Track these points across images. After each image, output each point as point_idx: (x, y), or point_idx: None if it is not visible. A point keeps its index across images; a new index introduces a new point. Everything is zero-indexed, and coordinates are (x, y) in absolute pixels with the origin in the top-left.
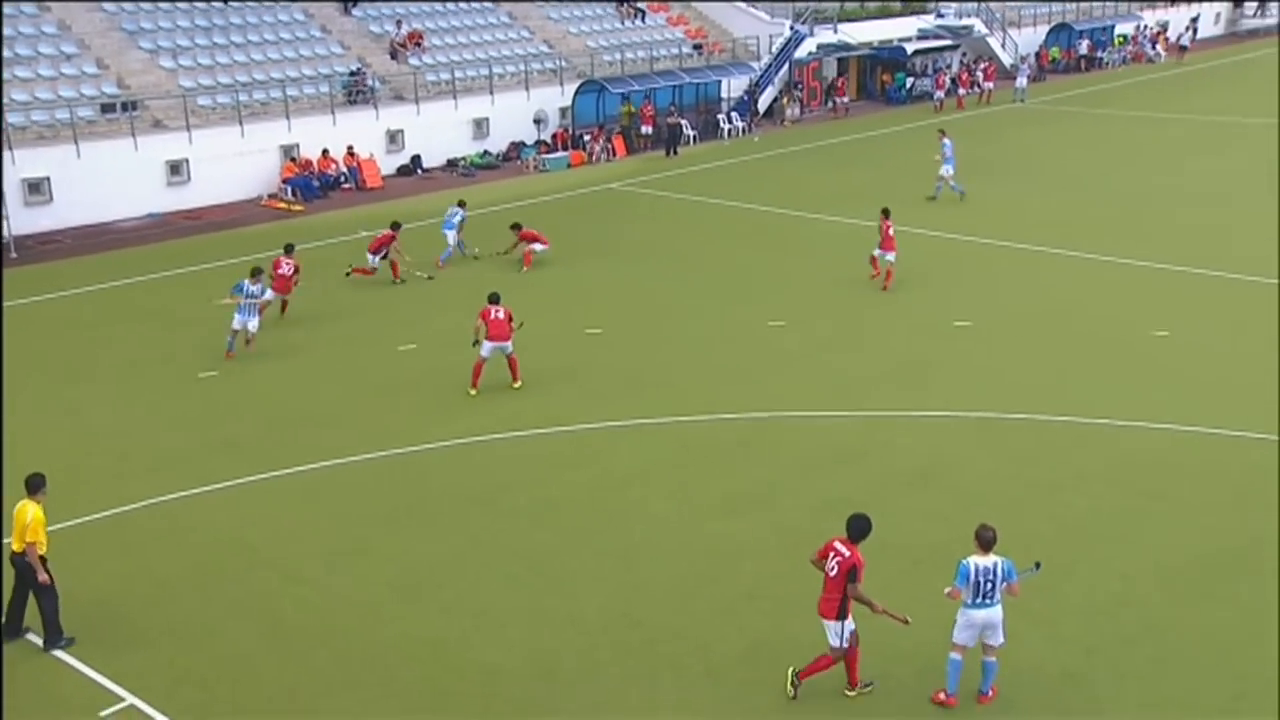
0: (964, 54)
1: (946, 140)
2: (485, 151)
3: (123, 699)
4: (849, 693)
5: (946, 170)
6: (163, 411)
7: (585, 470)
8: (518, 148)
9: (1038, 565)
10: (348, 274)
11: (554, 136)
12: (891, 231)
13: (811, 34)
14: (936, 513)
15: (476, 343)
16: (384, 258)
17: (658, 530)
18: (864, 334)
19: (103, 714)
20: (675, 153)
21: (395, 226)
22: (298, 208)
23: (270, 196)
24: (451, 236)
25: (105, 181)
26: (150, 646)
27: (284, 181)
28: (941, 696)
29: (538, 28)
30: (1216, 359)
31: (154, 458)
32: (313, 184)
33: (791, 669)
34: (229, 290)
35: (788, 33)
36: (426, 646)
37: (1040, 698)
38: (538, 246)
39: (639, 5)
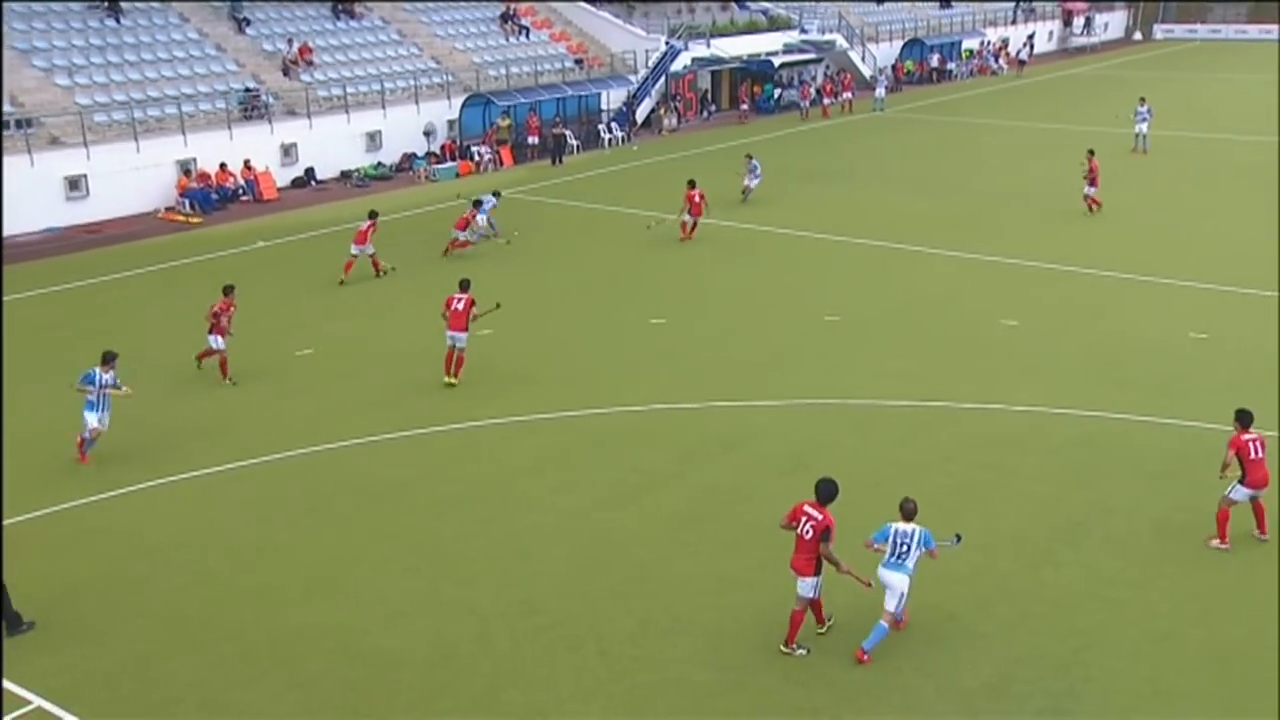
0: (827, 66)
1: (755, 161)
2: (379, 163)
3: (30, 701)
4: (820, 630)
5: (752, 182)
6: (66, 423)
7: (480, 465)
8: (410, 159)
9: (958, 537)
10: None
11: (443, 148)
12: (698, 199)
13: (686, 48)
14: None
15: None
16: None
17: (550, 520)
18: (740, 329)
19: (9, 718)
20: (560, 161)
21: (373, 215)
22: (195, 220)
23: (168, 209)
24: (483, 220)
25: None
26: (56, 649)
27: (181, 194)
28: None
29: (425, 44)
30: (1059, 345)
31: (53, 467)
32: (210, 196)
33: (779, 648)
34: (77, 380)
35: (663, 47)
36: (331, 637)
37: (908, 659)
38: (479, 221)
39: (522, 23)
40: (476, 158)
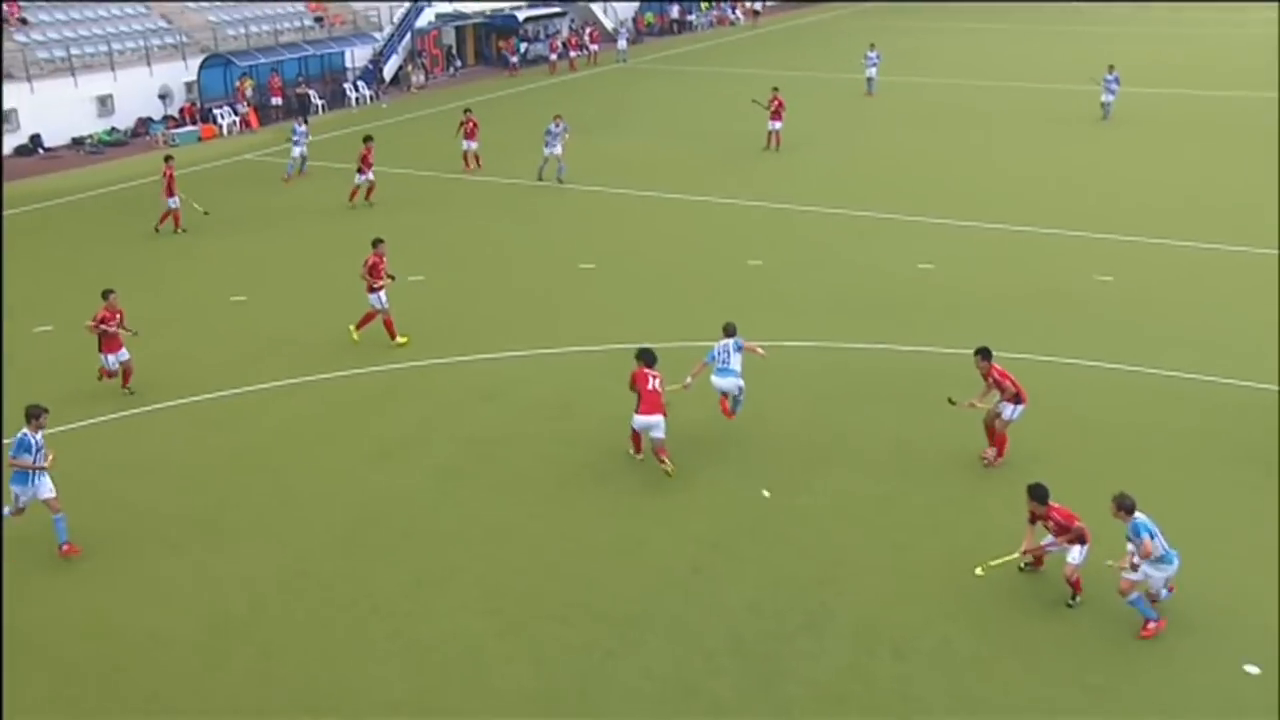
0: (572, 20)
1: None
2: (112, 128)
3: None
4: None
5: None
6: None
7: (236, 434)
8: (145, 123)
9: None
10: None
11: (182, 111)
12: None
13: (430, 5)
14: (580, 437)
15: None
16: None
17: (314, 484)
18: (499, 281)
19: None
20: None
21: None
22: None
23: None
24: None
25: None
26: None
27: None
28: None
29: (154, 4)
30: (800, 281)
31: None
32: None
33: (665, 468)
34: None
35: (408, 4)
36: (93, 621)
37: (677, 589)
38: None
39: None
40: (220, 120)
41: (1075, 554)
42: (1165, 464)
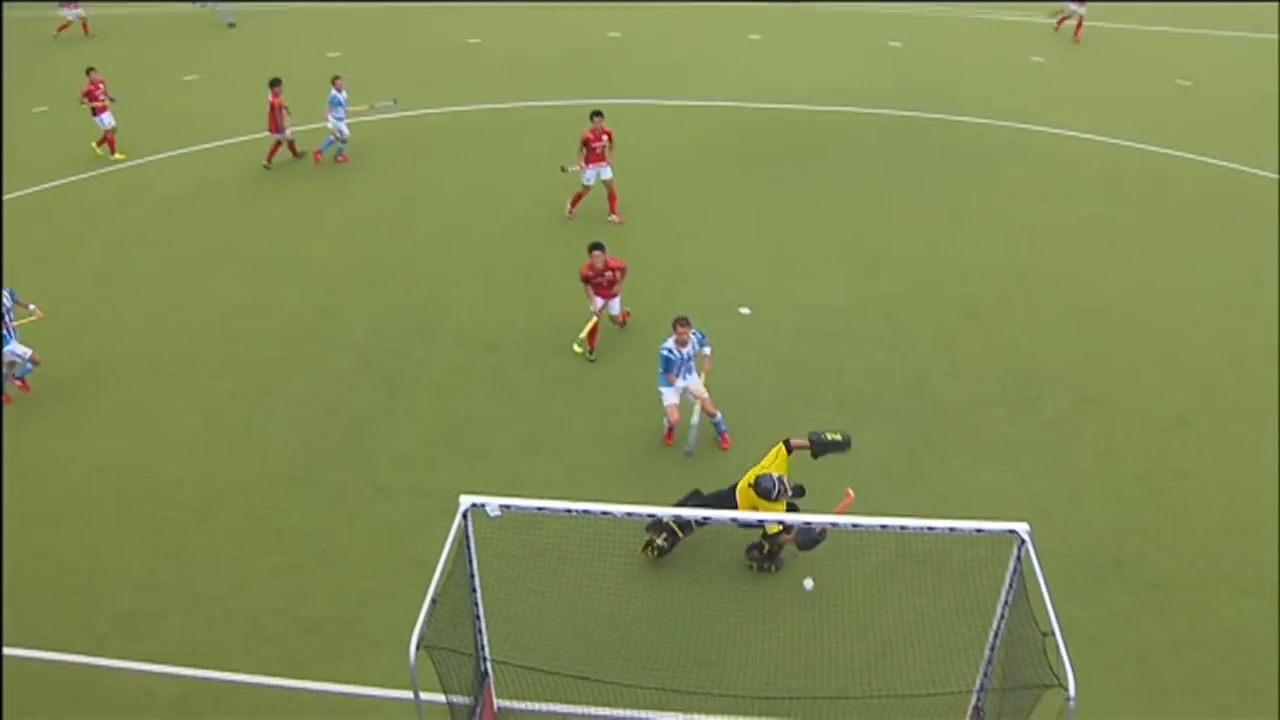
0: None
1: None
2: None
3: None
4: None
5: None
6: None
7: None
8: None
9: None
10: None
11: None
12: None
13: None
14: (208, 223)
15: None
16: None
17: None
18: None
19: None
20: None
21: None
22: None
23: None
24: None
25: None
26: None
27: None
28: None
29: None
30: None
31: None
32: None
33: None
34: None
35: None
36: None
37: (308, 335)
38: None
39: None
40: None
41: (616, 305)
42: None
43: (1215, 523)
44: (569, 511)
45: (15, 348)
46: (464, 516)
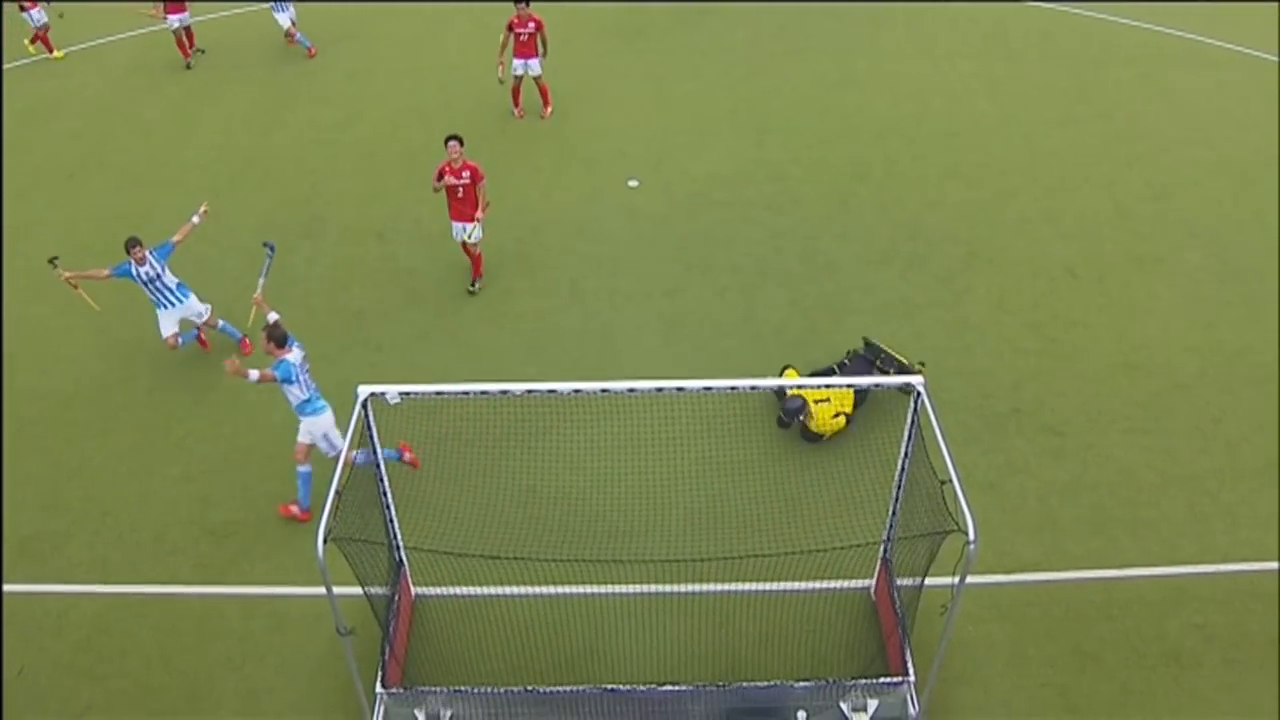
0: None
1: None
2: None
3: None
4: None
5: None
6: None
7: None
8: None
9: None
10: None
11: None
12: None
13: None
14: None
15: None
16: None
17: None
18: None
19: None
20: None
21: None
22: None
23: None
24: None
25: None
26: None
27: None
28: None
29: None
30: None
31: None
32: None
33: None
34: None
35: None
36: None
37: None
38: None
39: None
40: None
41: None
42: (561, 44)
43: (1104, 367)
44: (466, 394)
45: None
46: (363, 406)
